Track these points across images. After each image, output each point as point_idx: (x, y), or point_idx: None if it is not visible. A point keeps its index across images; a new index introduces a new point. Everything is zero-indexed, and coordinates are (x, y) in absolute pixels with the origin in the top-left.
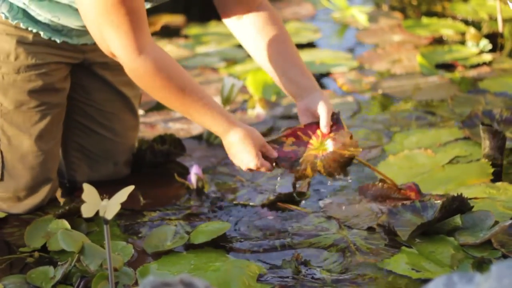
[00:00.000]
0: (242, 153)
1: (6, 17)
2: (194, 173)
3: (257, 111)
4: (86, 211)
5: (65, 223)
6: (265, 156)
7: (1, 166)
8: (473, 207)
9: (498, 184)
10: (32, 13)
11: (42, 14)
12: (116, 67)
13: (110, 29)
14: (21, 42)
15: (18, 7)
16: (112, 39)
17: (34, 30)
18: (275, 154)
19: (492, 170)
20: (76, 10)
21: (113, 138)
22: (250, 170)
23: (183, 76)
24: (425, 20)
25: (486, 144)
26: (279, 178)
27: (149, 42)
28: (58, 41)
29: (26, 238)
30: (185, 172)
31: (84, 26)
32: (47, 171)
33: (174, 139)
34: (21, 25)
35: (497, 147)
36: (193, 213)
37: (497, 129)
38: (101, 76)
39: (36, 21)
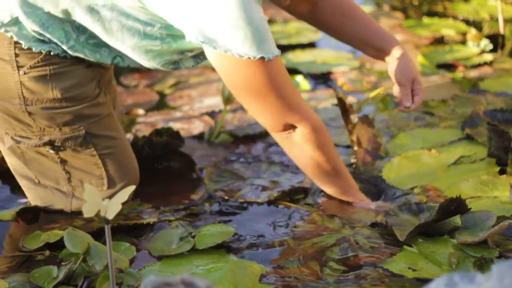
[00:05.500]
0: None
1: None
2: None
3: None
4: (87, 210)
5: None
6: None
7: (107, 177)
8: (470, 208)
9: (502, 178)
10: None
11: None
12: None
13: (290, 104)
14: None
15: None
16: (291, 114)
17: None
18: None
19: (498, 169)
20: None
21: None
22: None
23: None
24: (426, 20)
25: (492, 144)
26: None
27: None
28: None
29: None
30: (186, 166)
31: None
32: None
33: (171, 131)
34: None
35: (502, 147)
36: (195, 212)
37: (503, 129)
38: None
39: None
